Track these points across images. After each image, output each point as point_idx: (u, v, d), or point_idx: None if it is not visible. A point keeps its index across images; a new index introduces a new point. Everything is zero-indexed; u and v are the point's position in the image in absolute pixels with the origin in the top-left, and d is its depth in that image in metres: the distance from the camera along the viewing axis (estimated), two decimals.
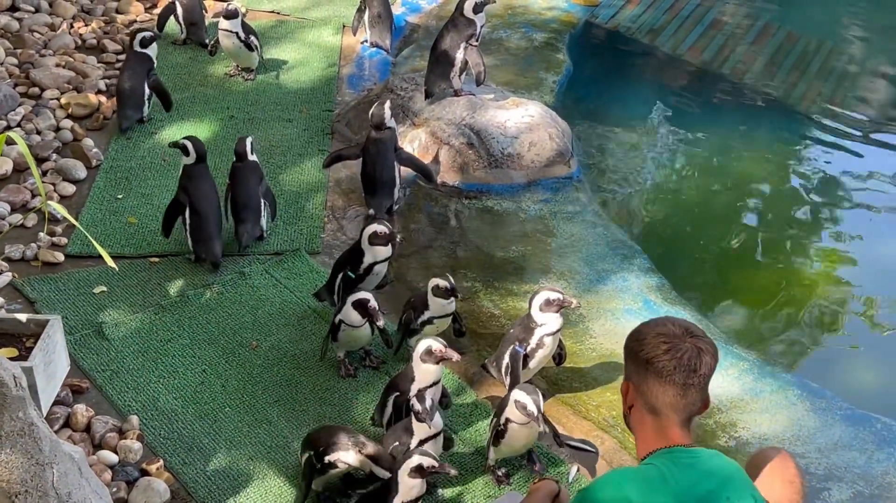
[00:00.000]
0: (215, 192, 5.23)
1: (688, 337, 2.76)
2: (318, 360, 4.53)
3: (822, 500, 3.99)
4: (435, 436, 3.83)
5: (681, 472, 2.69)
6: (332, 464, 3.70)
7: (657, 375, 2.74)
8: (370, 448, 3.67)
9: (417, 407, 3.79)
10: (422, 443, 3.81)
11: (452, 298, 4.46)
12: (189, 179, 5.18)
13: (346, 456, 3.67)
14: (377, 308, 4.34)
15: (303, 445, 3.87)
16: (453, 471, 3.62)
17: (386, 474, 3.64)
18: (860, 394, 4.60)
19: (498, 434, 3.83)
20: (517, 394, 3.77)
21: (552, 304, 4.20)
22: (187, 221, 5.14)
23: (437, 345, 3.91)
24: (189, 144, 5.15)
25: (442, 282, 4.43)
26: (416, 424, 3.83)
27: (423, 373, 3.92)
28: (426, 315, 4.49)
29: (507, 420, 3.80)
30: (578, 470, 4.00)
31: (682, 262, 5.71)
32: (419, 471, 3.56)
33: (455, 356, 3.89)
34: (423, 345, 3.93)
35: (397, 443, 3.89)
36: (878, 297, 5.40)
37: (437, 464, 3.57)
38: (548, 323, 4.22)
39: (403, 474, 3.58)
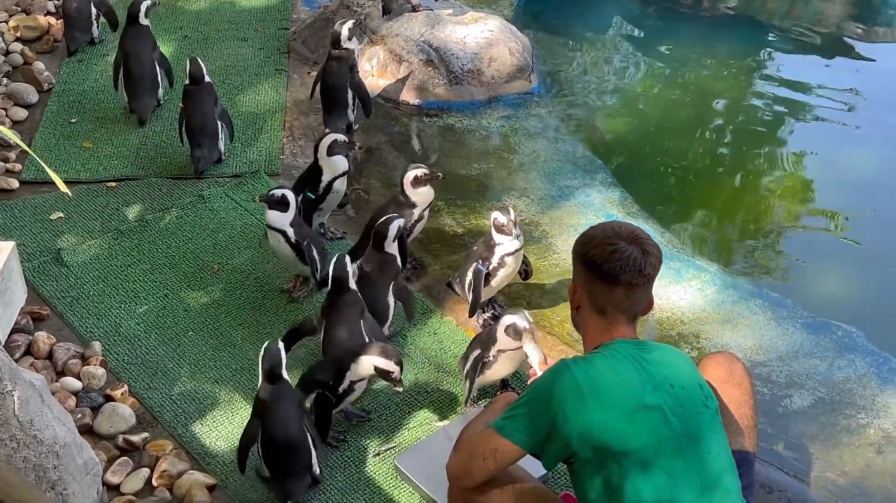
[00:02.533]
0: (150, 52, 5.53)
1: (633, 239, 2.88)
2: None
3: (784, 408, 4.06)
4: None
5: (624, 358, 2.79)
6: (349, 390, 3.69)
7: (604, 276, 2.86)
8: (373, 347, 3.65)
9: None
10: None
11: (431, 183, 4.49)
12: (125, 38, 5.56)
13: (355, 371, 3.64)
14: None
15: (305, 388, 3.75)
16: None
17: (394, 367, 3.61)
18: (821, 303, 4.64)
19: (484, 365, 3.83)
20: (507, 320, 3.74)
21: (501, 226, 4.18)
22: (121, 77, 5.47)
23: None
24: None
25: (419, 171, 4.44)
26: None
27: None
28: (416, 213, 4.48)
29: (500, 351, 3.78)
30: None
31: (644, 176, 5.71)
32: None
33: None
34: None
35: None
36: (838, 208, 5.43)
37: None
38: (505, 243, 4.20)
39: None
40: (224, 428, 3.86)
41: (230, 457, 3.73)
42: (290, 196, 4.31)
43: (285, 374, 3.56)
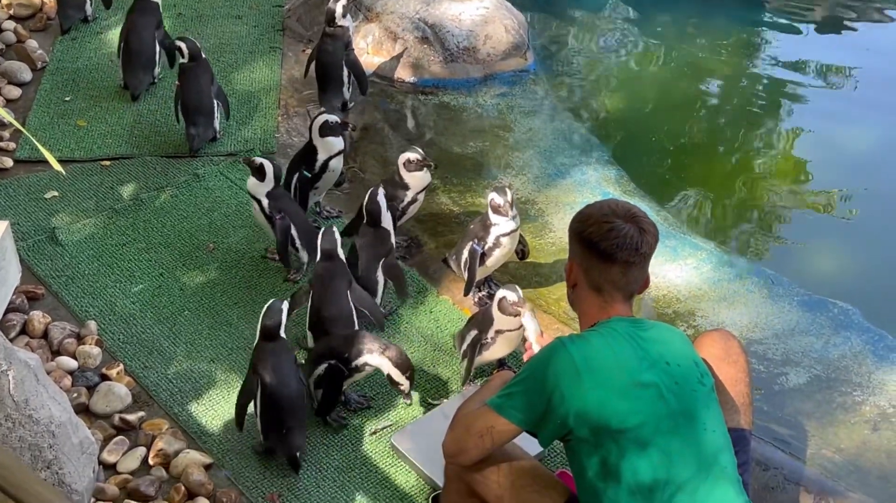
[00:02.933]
0: (153, 29, 5.48)
1: (630, 217, 2.87)
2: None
3: (780, 385, 4.06)
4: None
5: (620, 335, 2.79)
6: (359, 368, 3.70)
7: (601, 254, 2.85)
8: (392, 351, 3.69)
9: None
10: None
11: (426, 168, 4.46)
12: (131, 12, 5.55)
13: (373, 358, 3.67)
14: None
15: (315, 359, 3.77)
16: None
17: (405, 381, 3.67)
18: (817, 281, 4.64)
19: (482, 346, 3.83)
20: (499, 294, 3.74)
21: (498, 207, 4.16)
22: (121, 51, 5.45)
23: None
24: None
25: (412, 155, 4.43)
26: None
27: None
28: (409, 195, 4.47)
29: (498, 332, 3.78)
30: None
31: (640, 154, 5.69)
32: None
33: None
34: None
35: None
36: (835, 185, 5.43)
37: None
38: (501, 223, 4.19)
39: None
40: (220, 407, 3.86)
41: (226, 436, 3.74)
42: (268, 166, 4.34)
43: (283, 333, 3.62)
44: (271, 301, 3.65)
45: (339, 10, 5.30)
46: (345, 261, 4.01)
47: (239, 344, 4.12)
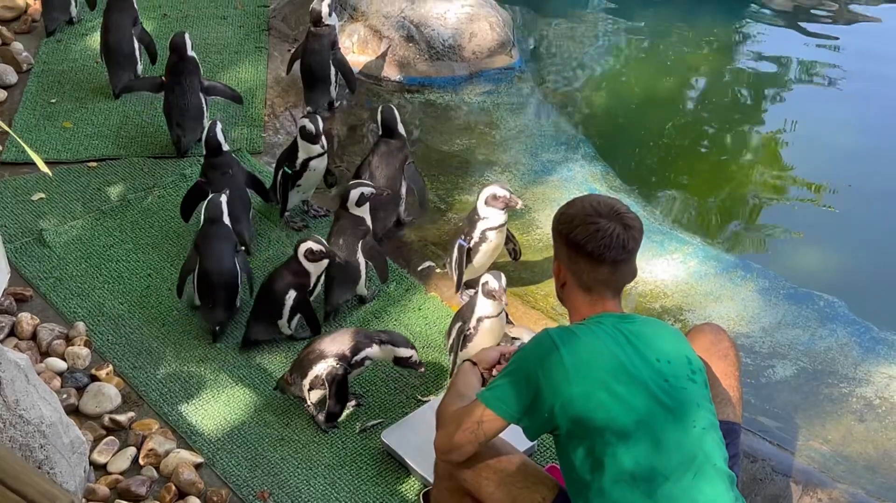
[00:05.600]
0: (130, 26, 5.51)
1: (614, 215, 2.86)
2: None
3: (767, 378, 4.08)
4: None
5: (609, 331, 2.79)
6: (360, 363, 3.76)
7: (588, 256, 2.84)
8: (383, 335, 3.80)
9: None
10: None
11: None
12: (106, 11, 5.59)
13: (371, 351, 3.75)
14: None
15: (308, 362, 3.74)
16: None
17: (410, 352, 3.78)
18: (803, 274, 4.66)
19: (466, 338, 3.85)
20: (485, 277, 3.81)
21: (498, 200, 4.17)
22: (101, 43, 5.57)
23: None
24: None
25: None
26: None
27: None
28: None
29: (480, 319, 3.81)
30: None
31: (626, 150, 5.72)
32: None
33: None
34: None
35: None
36: (820, 179, 5.45)
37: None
38: (490, 217, 4.20)
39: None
40: (210, 406, 3.87)
41: (217, 436, 3.75)
42: (205, 132, 4.64)
43: (226, 220, 4.19)
44: (211, 195, 4.22)
45: (324, 9, 5.32)
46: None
47: (228, 343, 4.13)
